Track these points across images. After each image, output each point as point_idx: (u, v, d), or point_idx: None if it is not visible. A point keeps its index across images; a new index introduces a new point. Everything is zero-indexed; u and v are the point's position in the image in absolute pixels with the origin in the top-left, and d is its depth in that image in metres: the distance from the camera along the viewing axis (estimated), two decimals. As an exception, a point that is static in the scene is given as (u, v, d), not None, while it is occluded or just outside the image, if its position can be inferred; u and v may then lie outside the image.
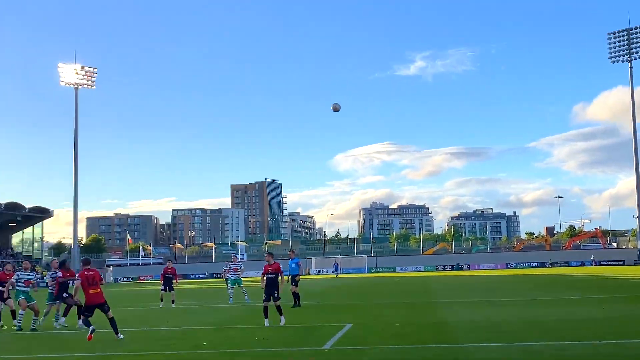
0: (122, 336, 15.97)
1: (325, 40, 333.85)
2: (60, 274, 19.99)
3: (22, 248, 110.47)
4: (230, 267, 31.51)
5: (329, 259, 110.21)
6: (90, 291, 16.04)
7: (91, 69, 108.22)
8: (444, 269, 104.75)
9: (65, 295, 19.71)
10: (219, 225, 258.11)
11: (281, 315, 18.83)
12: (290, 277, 25.96)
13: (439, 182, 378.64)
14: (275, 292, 18.58)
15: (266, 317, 18.63)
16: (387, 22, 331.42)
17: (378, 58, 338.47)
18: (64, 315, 20.70)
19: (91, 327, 15.68)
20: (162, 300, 29.00)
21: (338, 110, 23.34)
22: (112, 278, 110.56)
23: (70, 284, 19.57)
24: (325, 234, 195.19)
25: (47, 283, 21.09)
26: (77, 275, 16.73)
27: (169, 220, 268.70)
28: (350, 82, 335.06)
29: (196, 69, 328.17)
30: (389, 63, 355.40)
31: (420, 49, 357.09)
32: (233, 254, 46.21)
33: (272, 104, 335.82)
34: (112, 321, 16.11)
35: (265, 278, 18.80)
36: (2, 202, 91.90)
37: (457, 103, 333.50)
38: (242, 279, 31.99)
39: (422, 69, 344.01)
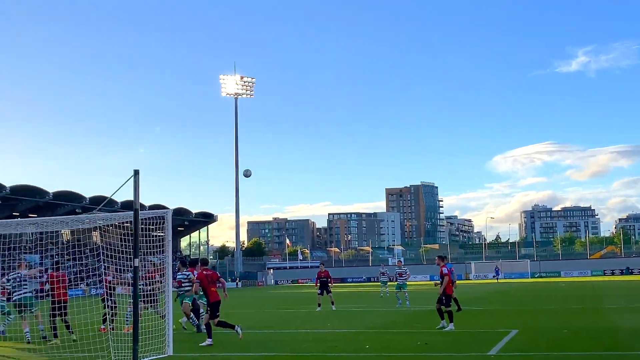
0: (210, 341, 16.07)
1: (483, 38, 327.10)
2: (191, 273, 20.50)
3: (190, 251, 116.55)
4: (395, 272, 31.62)
5: (489, 263, 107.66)
6: (213, 289, 16.41)
7: (249, 79, 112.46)
8: (613, 274, 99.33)
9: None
10: (374, 229, 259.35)
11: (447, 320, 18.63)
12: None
13: (605, 183, 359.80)
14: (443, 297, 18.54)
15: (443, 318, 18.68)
16: (546, 16, 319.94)
17: (538, 55, 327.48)
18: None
19: (237, 327, 16.04)
20: (319, 304, 29.38)
21: (249, 176, 22.19)
22: (272, 280, 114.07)
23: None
24: (484, 238, 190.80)
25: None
26: (196, 275, 17.12)
27: (325, 224, 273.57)
28: (509, 80, 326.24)
29: (349, 74, 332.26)
30: (549, 60, 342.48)
31: (582, 44, 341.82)
32: (398, 260, 46.33)
33: (426, 105, 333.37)
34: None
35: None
36: (171, 208, 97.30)
37: (622, 99, 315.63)
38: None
39: (585, 65, 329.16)
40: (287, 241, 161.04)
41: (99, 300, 19.80)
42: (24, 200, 78.86)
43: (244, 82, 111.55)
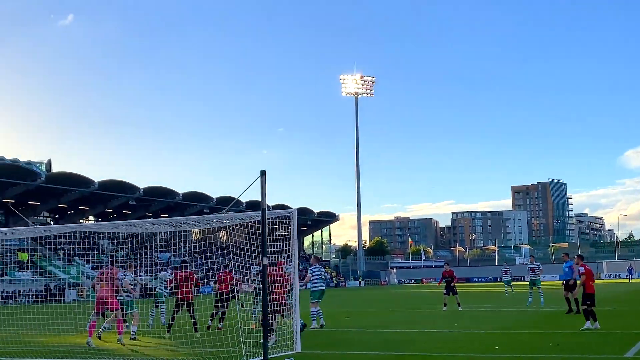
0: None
1: (613, 31, 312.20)
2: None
3: (312, 250, 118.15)
4: (528, 268, 31.09)
5: (621, 262, 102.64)
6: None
7: (370, 78, 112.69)
8: None
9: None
10: (500, 227, 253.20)
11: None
12: (564, 282, 24.51)
13: None
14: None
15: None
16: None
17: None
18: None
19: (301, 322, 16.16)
20: (445, 304, 28.95)
21: None
22: (395, 280, 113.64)
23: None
24: (616, 236, 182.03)
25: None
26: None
27: (448, 223, 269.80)
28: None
29: (470, 70, 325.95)
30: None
31: None
32: (531, 255, 45.24)
33: (553, 99, 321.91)
34: None
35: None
36: (294, 207, 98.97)
37: None
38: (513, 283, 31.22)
39: None
40: (410, 240, 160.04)
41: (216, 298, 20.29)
42: (156, 201, 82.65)
43: (364, 81, 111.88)
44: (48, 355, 14.70)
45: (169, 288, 21.37)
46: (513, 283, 45.96)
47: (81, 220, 78.93)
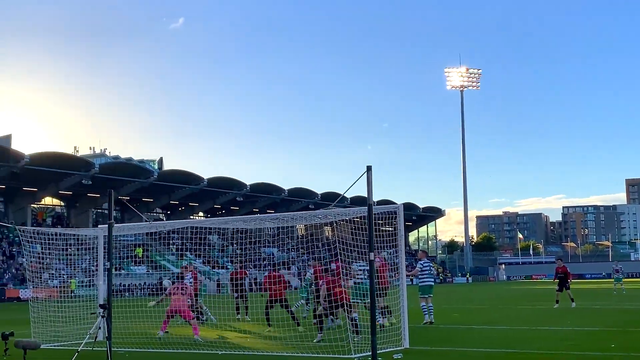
0: None
1: None
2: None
3: (418, 245, 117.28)
4: None
5: None
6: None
7: (475, 71, 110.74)
8: None
9: None
10: (613, 222, 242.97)
11: None
12: None
13: None
14: None
15: None
16: None
17: None
18: None
19: None
20: (557, 301, 28.02)
21: None
22: (504, 276, 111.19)
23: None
24: None
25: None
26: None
27: (559, 218, 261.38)
28: None
29: (579, 59, 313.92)
30: None
31: None
32: None
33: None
34: None
35: None
36: (399, 203, 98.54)
37: None
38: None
39: None
40: (519, 235, 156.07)
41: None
42: (263, 197, 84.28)
43: (470, 74, 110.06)
44: (164, 346, 15.26)
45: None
46: (629, 280, 44.09)
47: (191, 216, 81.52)
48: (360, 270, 22.49)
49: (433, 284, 20.78)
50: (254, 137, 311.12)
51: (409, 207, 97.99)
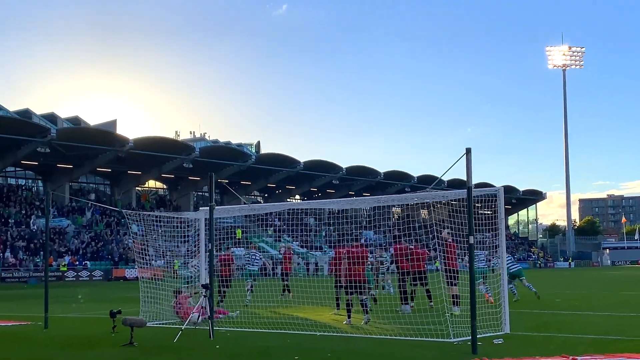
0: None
1: None
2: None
3: (517, 229, 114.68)
4: None
5: None
6: None
7: (578, 49, 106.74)
8: None
9: None
10: None
11: None
12: None
13: None
14: None
15: None
16: None
17: None
18: None
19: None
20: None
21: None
22: (608, 261, 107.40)
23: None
24: None
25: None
26: None
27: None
28: None
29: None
30: None
31: None
32: None
33: None
34: None
35: None
36: (498, 186, 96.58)
37: None
38: None
39: None
40: (624, 219, 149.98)
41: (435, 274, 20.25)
42: (359, 180, 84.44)
43: (572, 52, 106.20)
44: (263, 326, 15.55)
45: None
46: None
47: (288, 199, 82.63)
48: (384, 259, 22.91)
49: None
50: (350, 120, 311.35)
51: (508, 190, 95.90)
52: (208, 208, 15.29)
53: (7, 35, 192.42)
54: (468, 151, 11.80)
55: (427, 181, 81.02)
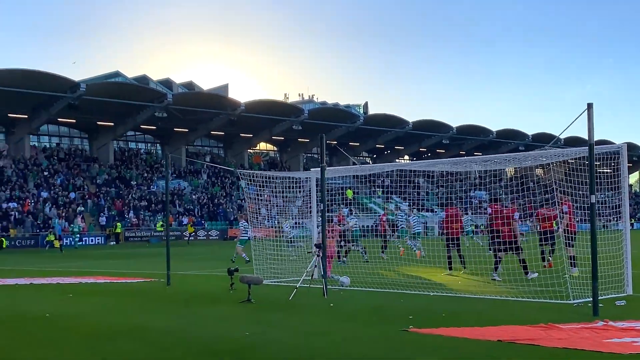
0: None
1: None
2: None
3: (639, 188, 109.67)
4: None
5: None
6: None
7: None
8: None
9: None
10: None
11: None
12: None
13: None
14: None
15: None
16: None
17: None
18: None
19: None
20: None
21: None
22: None
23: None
24: None
25: None
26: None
27: None
28: None
29: None
30: None
31: None
32: None
33: None
34: None
35: None
36: (619, 143, 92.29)
37: None
38: None
39: None
40: None
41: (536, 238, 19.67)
42: (470, 139, 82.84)
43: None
44: (375, 286, 15.64)
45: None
46: None
47: (397, 160, 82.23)
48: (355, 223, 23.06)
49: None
50: (459, 78, 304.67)
51: (630, 148, 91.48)
52: (319, 169, 15.44)
53: (124, 5, 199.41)
54: (589, 106, 11.32)
55: (542, 139, 78.43)
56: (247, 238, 26.20)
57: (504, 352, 8.06)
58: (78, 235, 49.36)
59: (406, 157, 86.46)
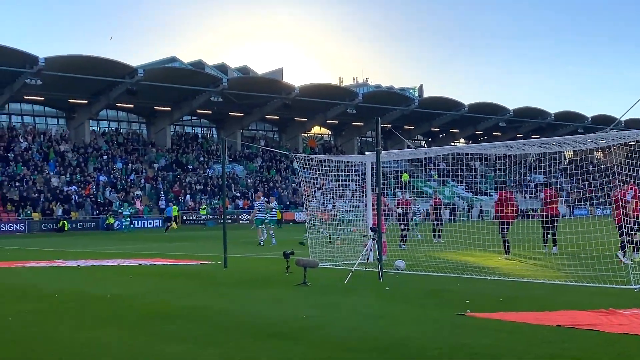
0: None
1: None
2: None
3: None
4: None
5: None
6: None
7: None
8: None
9: None
10: None
11: None
12: None
13: None
14: None
15: None
16: None
17: None
18: None
19: None
20: None
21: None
22: None
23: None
24: None
25: None
26: None
27: None
28: None
29: None
30: None
31: None
32: None
33: None
34: None
35: None
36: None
37: None
38: None
39: None
40: None
41: (609, 221, 19.23)
42: (527, 121, 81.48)
43: None
44: (432, 269, 15.58)
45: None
46: None
47: (452, 143, 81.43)
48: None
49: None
50: (516, 59, 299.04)
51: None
52: (374, 152, 15.41)
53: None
54: (653, 87, 11.00)
55: (603, 121, 76.62)
56: (262, 218, 26.89)
57: (564, 336, 7.95)
58: (128, 219, 49.66)
59: (462, 140, 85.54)
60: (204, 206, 56.95)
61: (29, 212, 48.86)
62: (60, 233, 45.65)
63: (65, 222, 47.76)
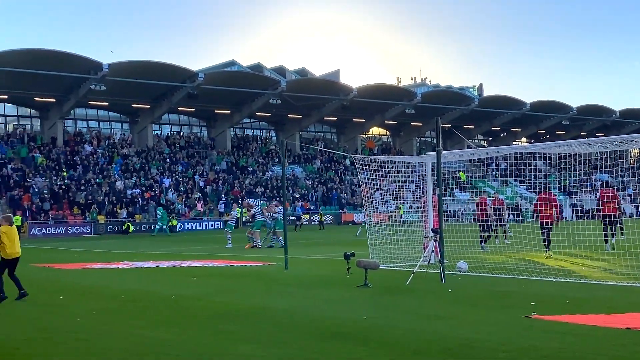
0: None
1: None
2: None
3: None
4: None
5: None
6: None
7: None
8: None
9: None
10: None
11: None
12: None
13: None
14: None
15: None
16: None
17: None
18: None
19: None
20: None
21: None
22: None
23: None
24: None
25: None
26: None
27: None
28: None
29: None
30: None
31: None
32: None
33: None
34: None
35: None
36: None
37: None
38: None
39: None
40: None
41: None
42: (591, 119, 79.56)
43: None
44: (496, 271, 15.35)
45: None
46: None
47: (513, 142, 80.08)
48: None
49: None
50: (579, 56, 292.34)
51: None
52: (434, 152, 15.28)
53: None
54: None
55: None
56: (262, 220, 26.98)
57: (633, 339, 7.74)
58: (159, 224, 46.13)
59: (523, 139, 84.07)
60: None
61: (94, 214, 50.11)
62: (125, 235, 46.71)
63: (129, 224, 48.84)
